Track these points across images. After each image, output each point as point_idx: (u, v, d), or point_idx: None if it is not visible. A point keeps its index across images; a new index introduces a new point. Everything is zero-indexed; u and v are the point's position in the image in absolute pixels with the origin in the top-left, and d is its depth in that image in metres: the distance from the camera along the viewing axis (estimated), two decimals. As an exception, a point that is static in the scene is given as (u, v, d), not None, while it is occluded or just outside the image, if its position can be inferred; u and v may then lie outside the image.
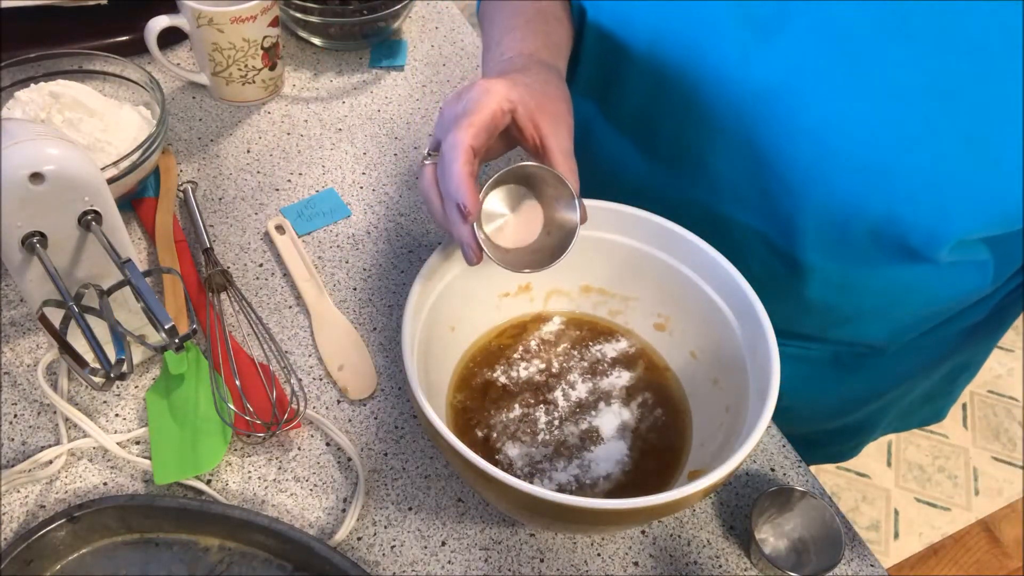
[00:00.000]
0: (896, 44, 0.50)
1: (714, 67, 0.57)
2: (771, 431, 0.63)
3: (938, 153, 0.51)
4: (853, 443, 0.88)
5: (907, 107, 0.51)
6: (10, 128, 0.49)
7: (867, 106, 0.52)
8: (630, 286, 0.62)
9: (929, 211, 0.53)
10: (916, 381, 0.78)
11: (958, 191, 0.52)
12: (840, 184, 0.54)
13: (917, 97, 0.50)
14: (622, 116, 0.67)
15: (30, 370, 0.62)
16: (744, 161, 0.59)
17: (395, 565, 0.55)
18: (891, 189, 0.53)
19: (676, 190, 0.64)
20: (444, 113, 0.50)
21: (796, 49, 0.52)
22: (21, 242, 0.50)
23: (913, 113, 0.50)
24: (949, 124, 0.50)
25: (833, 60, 0.52)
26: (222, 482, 0.57)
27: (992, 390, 1.79)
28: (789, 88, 0.54)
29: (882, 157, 0.52)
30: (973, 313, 0.71)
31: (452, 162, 0.47)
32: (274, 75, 0.81)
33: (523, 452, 0.56)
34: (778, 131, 0.55)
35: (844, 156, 0.53)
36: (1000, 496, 1.62)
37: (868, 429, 0.84)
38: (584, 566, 0.56)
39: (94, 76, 0.74)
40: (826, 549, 0.55)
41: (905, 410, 0.83)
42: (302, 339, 0.65)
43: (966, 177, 0.51)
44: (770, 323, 0.52)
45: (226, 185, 0.75)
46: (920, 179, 0.52)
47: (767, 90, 0.55)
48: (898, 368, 0.74)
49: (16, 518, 0.55)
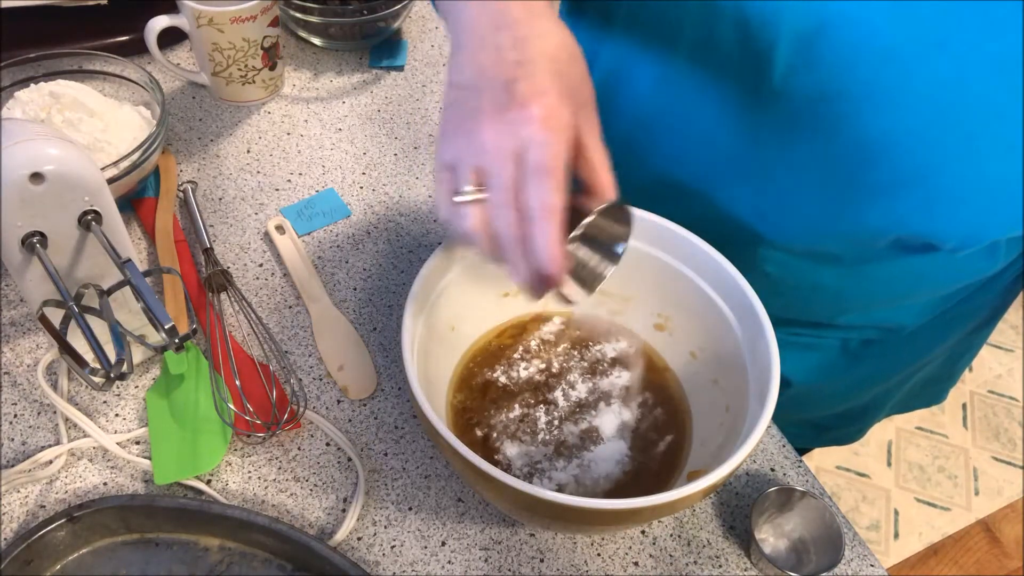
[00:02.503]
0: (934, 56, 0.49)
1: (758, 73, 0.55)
2: (771, 431, 0.63)
3: (979, 165, 0.51)
4: (857, 426, 0.88)
5: (951, 122, 0.50)
6: (10, 128, 0.49)
7: (911, 120, 0.51)
8: (630, 286, 0.62)
9: (965, 219, 0.54)
10: (921, 363, 0.78)
11: (995, 199, 0.53)
12: (878, 196, 0.54)
13: (962, 112, 0.50)
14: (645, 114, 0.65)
15: (30, 370, 0.62)
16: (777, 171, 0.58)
17: (395, 565, 0.55)
18: (928, 198, 0.53)
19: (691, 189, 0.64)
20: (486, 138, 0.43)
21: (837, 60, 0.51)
22: (21, 242, 0.50)
23: (958, 129, 0.50)
24: (988, 135, 0.50)
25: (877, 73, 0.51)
26: (222, 482, 0.57)
27: (992, 390, 1.79)
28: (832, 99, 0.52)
29: (923, 170, 0.52)
30: (978, 295, 0.71)
31: (543, 230, 0.42)
32: (274, 75, 0.81)
33: (523, 452, 0.56)
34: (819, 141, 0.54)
35: (885, 169, 0.53)
36: (1000, 496, 1.62)
37: (873, 412, 0.85)
38: (584, 566, 0.56)
39: (94, 76, 0.74)
40: (826, 549, 0.55)
41: (908, 393, 0.84)
42: (302, 339, 0.65)
43: (1003, 185, 0.52)
44: (770, 323, 0.52)
45: (226, 185, 0.75)
46: (960, 190, 0.52)
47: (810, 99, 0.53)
48: (905, 352, 0.75)
49: (16, 518, 0.55)
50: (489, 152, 0.43)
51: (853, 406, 0.83)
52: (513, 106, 0.43)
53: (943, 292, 0.67)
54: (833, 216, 0.57)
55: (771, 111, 0.55)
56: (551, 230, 0.42)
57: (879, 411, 0.85)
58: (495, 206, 0.43)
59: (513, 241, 0.43)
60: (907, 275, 0.62)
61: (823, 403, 0.80)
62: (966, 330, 0.76)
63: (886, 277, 0.63)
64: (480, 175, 0.44)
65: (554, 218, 0.42)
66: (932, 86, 0.50)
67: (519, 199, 0.43)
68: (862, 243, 0.58)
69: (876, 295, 0.66)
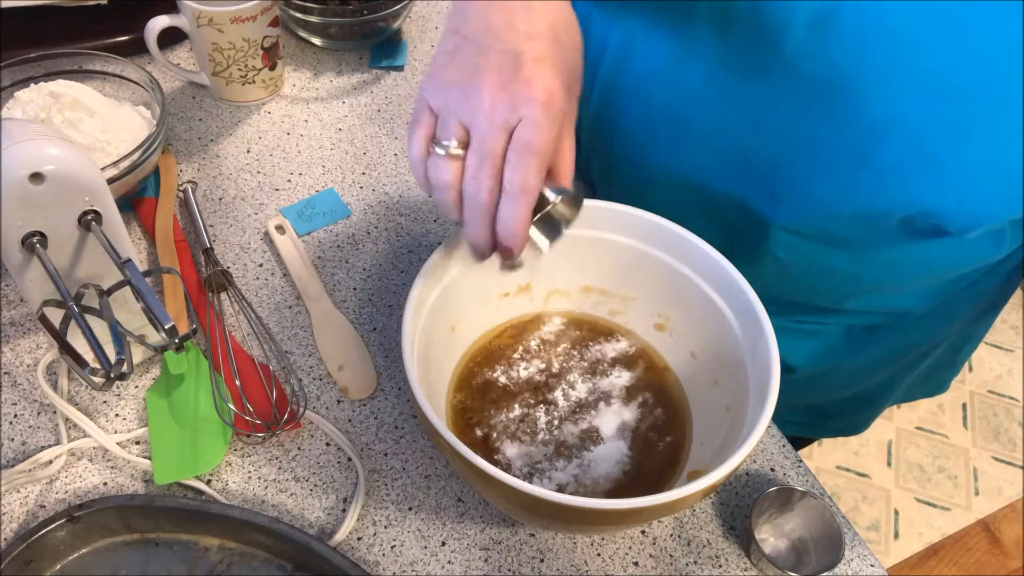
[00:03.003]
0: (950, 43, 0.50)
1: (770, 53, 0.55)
2: (771, 431, 0.63)
3: (987, 146, 0.52)
4: (863, 415, 0.89)
5: (960, 104, 0.51)
6: (10, 128, 0.49)
7: (921, 102, 0.52)
8: (630, 286, 0.62)
9: (973, 201, 0.54)
10: (925, 349, 0.79)
11: (1002, 180, 0.53)
12: (887, 176, 0.55)
13: (971, 95, 0.51)
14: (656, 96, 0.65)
15: (30, 370, 0.62)
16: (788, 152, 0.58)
17: (395, 565, 0.55)
18: (938, 181, 0.54)
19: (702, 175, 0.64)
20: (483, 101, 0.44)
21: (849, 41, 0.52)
22: (21, 242, 0.50)
23: (967, 110, 0.51)
24: (995, 116, 0.51)
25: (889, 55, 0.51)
26: (222, 482, 0.57)
27: (992, 390, 1.79)
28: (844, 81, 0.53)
29: (932, 151, 0.53)
30: (983, 281, 0.71)
31: (518, 208, 0.45)
32: (274, 75, 0.81)
33: (523, 452, 0.56)
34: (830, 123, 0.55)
35: (895, 150, 0.54)
36: (1000, 496, 1.62)
37: (879, 399, 0.86)
38: (584, 566, 0.56)
39: (94, 76, 0.74)
40: (826, 549, 0.55)
41: (912, 381, 0.84)
42: (302, 339, 0.65)
43: (1010, 166, 0.53)
44: (770, 323, 0.52)
45: (226, 185, 0.75)
46: (968, 171, 0.53)
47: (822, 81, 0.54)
48: (910, 337, 0.75)
49: (16, 518, 0.55)
50: (484, 116, 0.44)
51: (858, 392, 0.83)
52: (518, 80, 0.44)
53: (950, 276, 0.68)
54: (843, 197, 0.57)
55: (782, 92, 0.55)
56: (523, 209, 0.45)
57: (884, 399, 0.85)
58: (474, 168, 0.45)
59: (483, 207, 0.45)
60: (915, 259, 0.62)
61: (828, 389, 0.80)
62: (970, 317, 0.77)
63: (895, 261, 0.63)
64: (464, 133, 0.45)
65: (529, 198, 0.44)
66: (942, 68, 0.50)
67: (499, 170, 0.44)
68: (872, 224, 0.58)
69: (885, 279, 0.66)
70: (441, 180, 0.46)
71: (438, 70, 0.46)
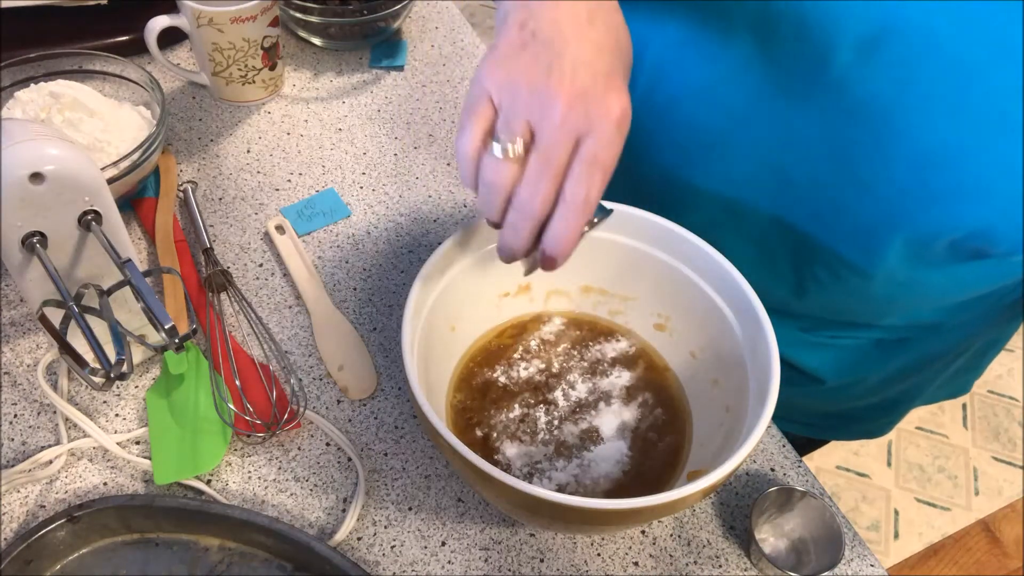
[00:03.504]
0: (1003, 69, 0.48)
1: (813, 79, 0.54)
2: (771, 431, 0.63)
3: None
4: (888, 419, 0.88)
5: (1014, 133, 0.49)
6: (10, 128, 0.49)
7: (971, 130, 0.50)
8: (630, 286, 0.62)
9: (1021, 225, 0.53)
10: (953, 357, 0.78)
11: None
12: (935, 204, 0.53)
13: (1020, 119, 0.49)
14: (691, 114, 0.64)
15: (30, 370, 0.62)
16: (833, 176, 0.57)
17: (395, 565, 0.55)
18: (987, 209, 0.52)
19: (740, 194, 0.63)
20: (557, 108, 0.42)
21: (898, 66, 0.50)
22: (21, 242, 0.50)
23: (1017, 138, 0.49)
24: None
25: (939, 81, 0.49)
26: (222, 482, 0.57)
27: (992, 390, 1.79)
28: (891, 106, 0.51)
29: (983, 181, 0.51)
30: (1013, 289, 0.71)
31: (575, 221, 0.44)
32: (274, 75, 0.81)
33: (523, 452, 0.56)
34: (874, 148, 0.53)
35: (943, 178, 0.52)
36: (1000, 496, 1.62)
37: (905, 403, 0.85)
38: (584, 566, 0.56)
39: (94, 76, 0.74)
40: (826, 549, 0.55)
41: (938, 385, 0.84)
42: (302, 339, 0.65)
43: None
44: (770, 323, 0.52)
45: (226, 185, 0.75)
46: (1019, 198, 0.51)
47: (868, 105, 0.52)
48: (939, 346, 0.74)
49: (16, 518, 0.55)
50: (555, 123, 0.42)
51: (885, 397, 0.82)
52: (595, 92, 0.43)
53: (987, 290, 0.66)
54: (888, 221, 0.56)
55: (827, 115, 0.54)
56: (578, 223, 0.43)
57: (911, 403, 0.85)
58: (535, 175, 0.43)
59: (534, 214, 0.44)
60: (955, 280, 0.61)
61: (856, 397, 0.80)
62: (998, 322, 0.75)
63: (935, 282, 0.61)
64: (530, 135, 0.43)
65: (588, 212, 0.43)
66: (996, 95, 0.48)
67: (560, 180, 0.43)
68: (917, 249, 0.57)
69: (922, 299, 0.65)
70: (495, 182, 0.44)
71: (503, 59, 0.44)
